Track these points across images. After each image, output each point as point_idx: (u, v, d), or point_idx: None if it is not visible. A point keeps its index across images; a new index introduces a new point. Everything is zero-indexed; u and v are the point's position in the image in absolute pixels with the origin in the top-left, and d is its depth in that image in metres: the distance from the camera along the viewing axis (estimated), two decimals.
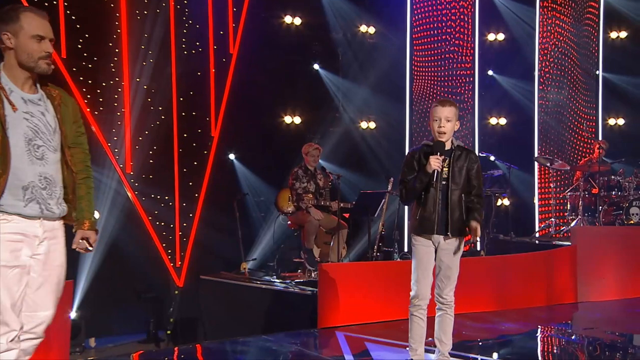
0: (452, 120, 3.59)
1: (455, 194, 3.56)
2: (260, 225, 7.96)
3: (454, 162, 3.58)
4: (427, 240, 3.59)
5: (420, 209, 3.59)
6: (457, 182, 3.57)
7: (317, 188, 6.97)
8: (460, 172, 3.58)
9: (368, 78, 8.89)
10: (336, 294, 5.43)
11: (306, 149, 6.99)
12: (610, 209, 8.26)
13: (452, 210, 3.55)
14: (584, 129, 10.02)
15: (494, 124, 10.01)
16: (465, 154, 3.63)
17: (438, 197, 3.55)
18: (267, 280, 6.50)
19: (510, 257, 6.61)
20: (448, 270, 3.61)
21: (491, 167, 8.75)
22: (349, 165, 8.53)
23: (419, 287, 3.57)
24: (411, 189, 3.56)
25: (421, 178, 3.52)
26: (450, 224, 3.54)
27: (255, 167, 7.95)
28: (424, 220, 3.56)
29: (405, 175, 3.62)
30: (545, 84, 10.05)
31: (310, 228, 6.71)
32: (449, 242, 3.59)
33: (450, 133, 3.60)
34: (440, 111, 3.57)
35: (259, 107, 8.01)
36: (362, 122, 9.00)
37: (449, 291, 3.63)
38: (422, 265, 3.58)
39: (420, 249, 3.60)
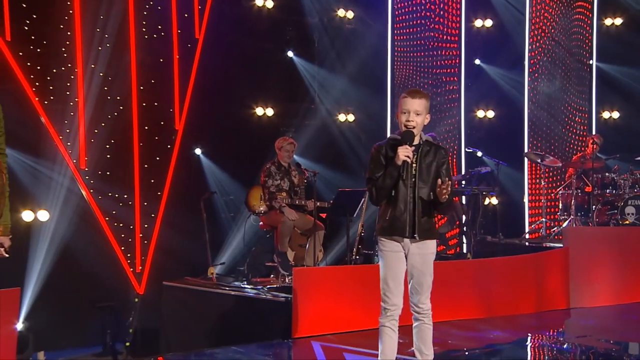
0: (422, 114, 3.57)
1: (423, 192, 3.54)
2: (230, 226, 7.94)
3: (421, 158, 3.56)
4: (397, 244, 3.58)
5: (390, 208, 3.56)
6: (424, 180, 3.55)
7: (291, 186, 6.97)
8: (428, 169, 3.57)
9: (346, 67, 8.89)
10: (312, 301, 5.42)
11: (280, 144, 6.98)
12: (604, 208, 8.39)
13: (420, 210, 3.54)
14: (576, 123, 10.16)
15: (481, 117, 10.10)
16: (435, 150, 3.61)
17: (409, 195, 3.54)
18: (237, 286, 6.49)
19: (498, 260, 6.68)
20: (421, 277, 3.60)
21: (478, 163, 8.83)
22: (326, 161, 8.52)
23: (391, 296, 3.56)
24: (381, 186, 3.53)
25: (391, 172, 3.50)
26: (418, 225, 3.53)
27: (223, 163, 7.92)
28: (395, 220, 3.54)
29: (372, 172, 3.58)
30: (536, 74, 10.16)
31: (284, 229, 6.70)
32: (419, 245, 3.57)
33: (419, 128, 3.59)
34: (409, 103, 3.55)
35: (227, 97, 7.98)
36: (340, 114, 9.02)
37: (424, 299, 3.62)
38: (392, 272, 3.57)
39: (389, 254, 3.59)
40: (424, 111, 3.59)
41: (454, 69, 9.84)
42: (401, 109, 3.59)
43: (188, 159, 7.71)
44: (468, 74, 9.93)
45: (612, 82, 10.40)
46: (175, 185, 7.38)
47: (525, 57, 10.13)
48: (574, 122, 10.24)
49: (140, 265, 7.09)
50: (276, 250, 6.82)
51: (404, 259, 3.60)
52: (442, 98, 9.73)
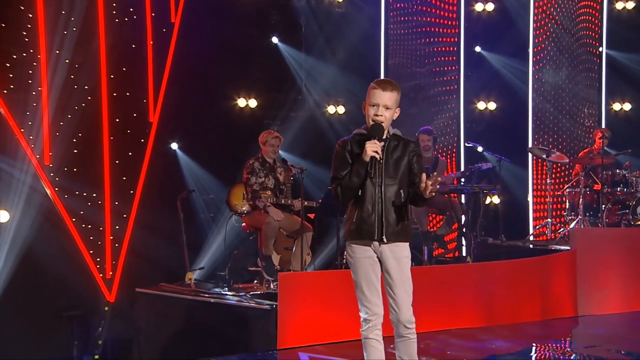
0: (392, 108, 3.56)
1: (390, 190, 3.53)
2: (209, 227, 7.92)
3: (388, 154, 3.56)
4: (368, 248, 3.56)
5: (357, 210, 3.55)
6: (392, 176, 3.54)
7: (276, 184, 6.97)
8: (396, 165, 3.56)
9: (336, 54, 8.89)
10: (299, 309, 5.41)
11: (264, 138, 6.97)
12: (614, 207, 8.44)
13: (388, 210, 3.52)
14: (584, 116, 10.20)
15: (482, 109, 10.12)
16: (403, 144, 3.60)
17: (377, 194, 3.52)
18: (217, 293, 6.49)
19: (500, 264, 6.70)
20: (399, 285, 3.56)
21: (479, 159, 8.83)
22: (314, 156, 8.50)
23: (370, 306, 3.55)
24: (347, 185, 3.51)
25: (357, 170, 3.48)
26: (385, 226, 3.51)
27: (202, 159, 7.90)
28: (362, 223, 3.52)
29: (337, 170, 3.56)
30: (541, 63, 10.20)
31: (268, 231, 6.69)
32: (392, 248, 3.55)
33: (388, 123, 3.58)
34: (379, 96, 3.53)
35: (207, 87, 7.96)
36: (329, 106, 9.02)
37: (406, 312, 3.56)
38: (366, 279, 3.55)
39: (360, 261, 3.57)
40: (394, 105, 3.57)
41: (452, 57, 9.85)
42: (369, 101, 3.57)
43: (163, 155, 7.68)
44: (468, 62, 9.95)
45: (623, 71, 10.45)
46: (150, 183, 7.35)
47: (530, 44, 10.15)
48: (582, 114, 10.28)
49: (110, 270, 7.07)
50: (260, 253, 6.81)
51: (377, 262, 3.58)
52: (439, 88, 9.74)
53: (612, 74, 10.50)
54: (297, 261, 6.73)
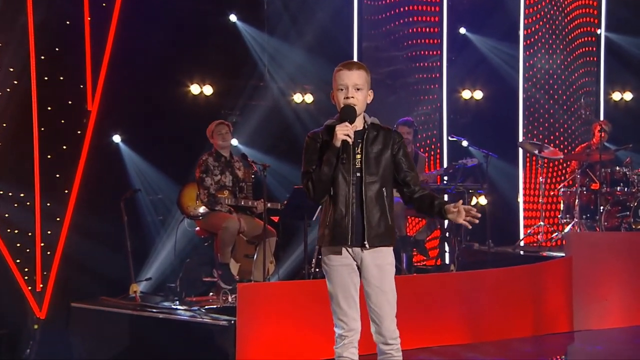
0: (364, 89, 3.58)
1: (371, 188, 3.54)
2: (158, 232, 7.91)
3: (367, 147, 3.57)
4: (344, 255, 3.56)
5: (330, 211, 3.55)
6: (373, 173, 3.55)
7: (235, 181, 6.98)
8: (377, 159, 3.57)
9: (303, 35, 8.88)
10: (261, 324, 5.40)
11: (210, 129, 7.06)
12: (614, 209, 8.56)
13: (370, 210, 3.53)
14: (581, 106, 10.32)
15: (468, 99, 10.20)
16: (384, 135, 3.61)
17: (351, 192, 3.53)
18: (167, 307, 6.49)
19: (487, 273, 6.76)
20: (380, 296, 3.57)
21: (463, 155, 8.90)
22: (279, 151, 8.52)
23: (346, 320, 3.55)
24: (318, 178, 3.50)
25: (329, 158, 3.48)
26: (367, 228, 3.52)
27: (150, 154, 7.86)
28: (336, 226, 3.53)
29: (308, 165, 3.58)
30: (534, 47, 10.31)
31: (226, 236, 6.67)
32: (373, 254, 3.56)
33: (361, 106, 3.59)
34: (346, 76, 3.55)
35: (155, 71, 7.88)
36: (296, 94, 9.02)
37: (389, 325, 3.57)
38: (343, 290, 3.56)
39: (336, 269, 3.57)
40: (366, 86, 3.59)
41: (434, 40, 9.91)
42: (337, 85, 3.58)
43: (104, 149, 7.62)
44: (451, 46, 10.01)
45: (624, 57, 10.58)
46: (88, 181, 7.27)
47: (520, 25, 10.26)
48: (578, 105, 10.40)
49: (41, 282, 6.96)
50: (216, 261, 6.80)
51: (356, 271, 3.59)
52: (419, 75, 9.79)
53: (611, 59, 10.62)
54: (258, 270, 6.73)
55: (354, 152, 3.55)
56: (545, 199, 9.21)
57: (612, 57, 10.61)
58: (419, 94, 9.74)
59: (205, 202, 6.82)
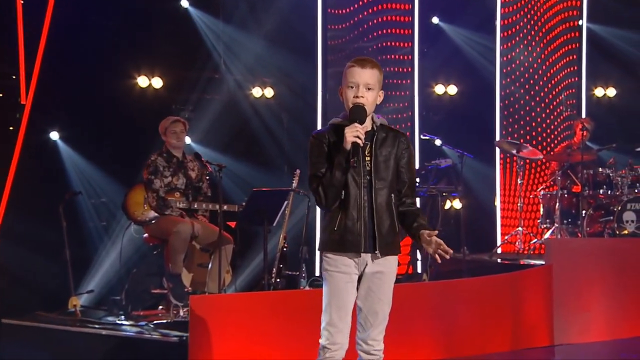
0: (375, 89, 3.66)
1: (381, 194, 3.63)
2: (101, 240, 7.87)
3: (377, 149, 3.65)
4: (349, 263, 3.63)
5: (339, 216, 3.62)
6: (383, 178, 3.64)
7: (188, 183, 6.94)
8: (386, 163, 3.66)
9: (262, 23, 8.88)
10: (216, 341, 5.38)
11: (163, 126, 7.02)
12: (597, 214, 8.68)
13: (380, 217, 3.62)
14: (561, 103, 10.44)
15: (441, 94, 10.28)
16: (393, 137, 3.71)
17: (363, 197, 3.61)
18: (111, 322, 6.46)
19: (462, 283, 6.80)
20: (377, 304, 3.66)
21: (436, 155, 8.97)
22: (235, 150, 8.53)
23: (335, 333, 3.60)
24: (330, 183, 3.57)
25: (340, 162, 3.56)
26: (378, 237, 3.60)
27: (92, 153, 7.84)
28: (347, 232, 3.60)
29: (316, 167, 3.64)
30: (512, 40, 10.41)
31: (177, 243, 6.66)
32: (378, 263, 3.64)
33: (371, 107, 3.66)
34: (358, 74, 3.63)
35: (98, 61, 7.84)
36: (254, 87, 9.02)
37: (377, 335, 3.67)
38: (339, 300, 3.61)
39: (337, 276, 3.63)
40: (377, 86, 3.67)
41: (405, 30, 9.96)
42: (347, 82, 3.65)
43: (40, 147, 7.59)
44: (423, 36, 10.07)
45: (606, 50, 10.71)
46: (22, 182, 7.22)
47: (497, 15, 10.36)
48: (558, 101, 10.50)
49: None
50: (166, 272, 6.77)
51: (355, 283, 3.66)
52: (389, 68, 9.82)
53: (594, 52, 10.76)
54: (213, 281, 6.70)
55: (363, 154, 3.62)
56: (524, 203, 9.31)
57: (595, 50, 10.74)
58: (388, 89, 9.75)
59: (153, 206, 6.78)
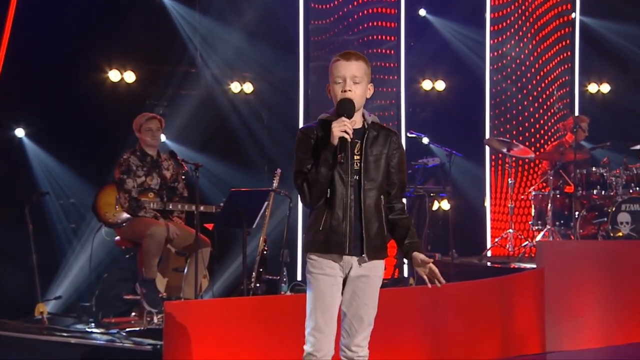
0: (363, 82, 3.68)
1: (370, 195, 3.65)
2: (70, 243, 7.85)
3: (367, 148, 3.67)
4: (334, 265, 3.64)
5: (325, 215, 3.63)
6: (372, 178, 3.66)
7: (162, 183, 6.94)
8: (377, 164, 3.68)
9: (241, 15, 8.88)
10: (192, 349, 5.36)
11: (138, 122, 7.00)
12: (590, 215, 8.72)
13: (368, 219, 3.63)
14: (554, 99, 10.48)
15: (428, 90, 10.30)
16: (384, 136, 3.73)
17: (350, 196, 3.61)
18: (80, 330, 6.45)
19: (450, 287, 6.80)
20: (362, 309, 3.68)
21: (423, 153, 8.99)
22: (213, 149, 8.53)
23: (320, 338, 3.61)
24: (315, 179, 3.58)
25: (326, 158, 3.57)
26: (366, 240, 3.61)
27: (60, 151, 7.83)
28: (332, 232, 3.61)
29: (302, 163, 3.65)
30: (502, 32, 10.44)
31: (151, 246, 6.65)
32: (364, 267, 3.66)
33: (360, 102, 3.68)
34: (343, 68, 3.66)
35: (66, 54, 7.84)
36: (233, 82, 9.03)
37: (361, 340, 3.69)
38: (324, 304, 3.63)
39: (321, 279, 3.64)
40: (365, 78, 3.70)
41: (390, 23, 9.97)
42: (333, 78, 3.68)
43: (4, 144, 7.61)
44: (410, 30, 10.10)
45: (600, 44, 10.76)
46: None
47: (487, 7, 10.40)
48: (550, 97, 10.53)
49: None
50: (139, 277, 6.76)
51: (340, 286, 3.68)
52: (374, 63, 9.79)
53: (587, 47, 10.79)
54: (189, 286, 6.69)
55: (352, 152, 3.63)
56: (515, 204, 9.33)
57: (588, 44, 10.78)
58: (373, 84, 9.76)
59: (126, 207, 6.76)
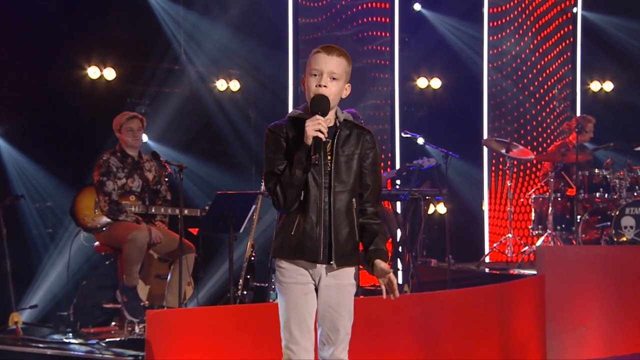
0: (341, 80, 3.60)
1: (341, 198, 3.59)
2: (46, 249, 7.84)
3: (339, 148, 3.61)
4: (304, 272, 3.60)
5: (297, 219, 3.58)
6: (343, 180, 3.59)
7: (144, 186, 6.93)
8: (348, 164, 3.62)
9: (228, 10, 8.90)
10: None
11: (118, 122, 6.97)
12: (593, 219, 8.75)
13: (339, 224, 3.58)
14: (554, 98, 10.51)
15: (423, 88, 10.32)
16: (357, 135, 3.65)
17: (324, 198, 3.58)
18: (57, 341, 6.43)
19: (446, 295, 6.82)
20: (337, 320, 3.65)
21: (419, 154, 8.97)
22: (198, 149, 8.56)
23: (298, 351, 3.59)
24: (289, 182, 3.51)
25: (300, 158, 3.51)
26: (334, 246, 3.58)
27: (36, 152, 7.83)
28: (305, 237, 3.56)
29: (273, 164, 3.58)
30: (500, 28, 10.46)
31: (132, 252, 6.61)
32: (334, 274, 3.63)
33: (335, 99, 3.61)
34: (323, 61, 3.58)
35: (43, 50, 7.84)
36: (219, 80, 9.04)
37: (340, 352, 3.66)
38: (298, 314, 3.60)
39: (294, 288, 3.61)
40: (344, 77, 3.62)
41: (384, 18, 9.98)
42: (310, 70, 3.60)
43: None
44: (404, 25, 10.11)
45: (603, 40, 10.78)
46: None
47: (485, 2, 10.42)
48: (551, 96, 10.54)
49: None
50: (120, 284, 6.73)
51: (314, 293, 3.64)
52: (367, 60, 9.85)
53: (589, 43, 10.81)
54: (173, 294, 6.67)
55: (325, 152, 3.57)
56: (514, 207, 9.35)
57: (590, 41, 10.79)
58: (366, 82, 9.80)
59: (106, 210, 6.73)
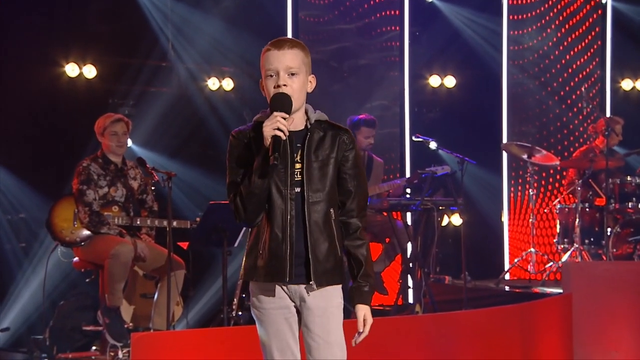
0: (301, 74, 3.54)
1: (316, 210, 3.53)
2: (19, 265, 7.85)
3: (310, 153, 3.54)
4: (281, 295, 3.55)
5: (262, 236, 3.53)
6: (318, 189, 3.52)
7: (128, 195, 6.93)
8: (323, 170, 3.54)
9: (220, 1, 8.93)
10: None
11: (101, 125, 6.97)
12: (625, 231, 8.71)
13: (315, 239, 3.52)
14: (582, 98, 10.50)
15: (436, 87, 10.32)
16: (333, 136, 3.58)
17: (290, 211, 3.51)
18: None
19: (462, 315, 6.82)
20: (326, 350, 3.56)
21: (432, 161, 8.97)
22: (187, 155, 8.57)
23: None
24: (250, 191, 3.45)
25: (260, 165, 3.44)
26: (313, 263, 3.51)
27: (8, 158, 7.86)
28: (271, 256, 3.50)
29: (234, 173, 3.55)
30: (521, 21, 10.47)
31: (115, 268, 6.61)
32: (315, 296, 3.56)
33: (299, 97, 3.55)
34: (275, 59, 3.52)
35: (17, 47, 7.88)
36: (210, 78, 9.05)
37: None
38: (280, 342, 3.56)
39: (270, 314, 3.56)
40: (303, 69, 3.55)
41: (393, 11, 10.00)
42: (265, 71, 3.54)
43: None
44: (415, 17, 10.12)
45: (636, 33, 10.77)
46: None
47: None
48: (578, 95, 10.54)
49: None
50: (102, 305, 6.73)
51: (294, 315, 3.60)
52: (374, 55, 9.84)
53: (620, 37, 10.79)
54: (160, 315, 6.68)
55: (293, 160, 3.51)
56: (537, 219, 9.33)
57: (621, 34, 10.78)
58: (373, 80, 9.80)
59: (86, 222, 6.72)
